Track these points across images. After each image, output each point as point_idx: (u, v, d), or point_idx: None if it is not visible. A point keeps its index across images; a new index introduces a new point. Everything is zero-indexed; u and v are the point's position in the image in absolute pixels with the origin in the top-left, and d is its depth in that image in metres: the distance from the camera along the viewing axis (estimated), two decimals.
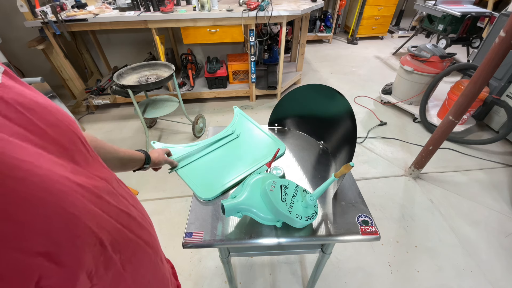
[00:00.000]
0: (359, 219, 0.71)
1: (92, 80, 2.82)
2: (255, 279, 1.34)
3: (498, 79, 2.10)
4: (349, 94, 2.86)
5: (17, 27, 2.49)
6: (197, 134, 2.23)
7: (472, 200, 1.72)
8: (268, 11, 2.09)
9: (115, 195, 0.34)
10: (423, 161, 1.78)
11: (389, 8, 4.14)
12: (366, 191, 1.78)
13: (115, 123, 2.48)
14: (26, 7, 1.93)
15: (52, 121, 0.29)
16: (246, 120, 1.05)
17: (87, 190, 0.28)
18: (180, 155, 0.87)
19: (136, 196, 0.44)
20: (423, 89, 2.35)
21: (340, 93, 0.82)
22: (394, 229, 1.55)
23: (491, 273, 1.35)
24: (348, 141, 0.80)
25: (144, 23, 2.10)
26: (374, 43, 4.35)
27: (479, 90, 1.37)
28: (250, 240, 0.67)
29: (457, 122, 1.52)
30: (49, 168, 0.25)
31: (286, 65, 3.16)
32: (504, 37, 1.18)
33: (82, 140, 0.33)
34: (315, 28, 4.32)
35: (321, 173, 0.87)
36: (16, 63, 2.68)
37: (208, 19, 2.12)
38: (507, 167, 1.97)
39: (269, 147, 0.93)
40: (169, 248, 1.45)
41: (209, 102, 2.77)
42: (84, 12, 2.07)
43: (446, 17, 2.97)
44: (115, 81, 1.70)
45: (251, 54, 2.36)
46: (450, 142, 2.17)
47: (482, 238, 1.50)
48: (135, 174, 1.88)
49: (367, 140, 2.23)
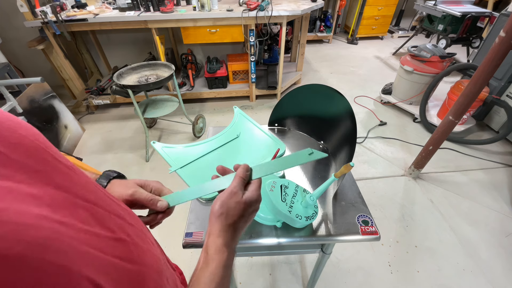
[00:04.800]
0: (359, 219, 0.71)
1: (92, 80, 2.82)
2: (255, 279, 1.34)
3: (498, 79, 2.10)
4: (349, 94, 2.86)
5: (17, 27, 2.50)
6: (197, 134, 2.23)
7: (472, 200, 1.72)
8: (268, 11, 2.09)
9: (106, 219, 0.28)
10: (423, 161, 1.78)
11: (389, 8, 4.14)
12: (366, 191, 1.78)
13: (115, 123, 2.48)
14: (26, 7, 1.93)
15: (12, 139, 0.23)
16: (246, 120, 1.05)
17: (72, 227, 0.22)
18: (180, 155, 0.87)
19: (131, 210, 0.38)
20: (423, 89, 2.35)
21: (340, 93, 0.82)
22: (394, 229, 1.55)
23: (491, 273, 1.35)
24: (348, 141, 0.80)
25: (144, 23, 2.10)
26: (374, 43, 4.35)
27: (479, 90, 1.37)
28: (250, 240, 0.67)
29: (457, 122, 1.52)
30: (20, 209, 0.19)
31: (286, 65, 3.16)
32: (504, 37, 1.18)
33: (55, 155, 0.26)
34: (315, 28, 4.32)
35: (321, 173, 0.87)
36: (16, 63, 2.68)
37: (208, 19, 2.12)
38: (507, 167, 1.97)
39: (269, 147, 0.93)
40: (169, 248, 1.45)
41: (209, 102, 2.77)
42: (84, 12, 2.07)
43: (446, 17, 2.97)
44: (115, 81, 1.70)
45: (251, 54, 2.36)
46: (450, 142, 2.17)
47: (482, 238, 1.50)
48: (135, 174, 1.90)
49: (367, 140, 2.23)
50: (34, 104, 1.86)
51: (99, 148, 2.19)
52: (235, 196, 0.41)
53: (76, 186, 0.26)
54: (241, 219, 0.42)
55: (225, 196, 0.41)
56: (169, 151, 0.88)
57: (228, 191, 0.42)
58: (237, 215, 0.41)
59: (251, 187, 0.44)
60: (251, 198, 0.42)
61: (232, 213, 0.41)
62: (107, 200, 0.31)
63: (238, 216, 0.41)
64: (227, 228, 0.40)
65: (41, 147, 0.25)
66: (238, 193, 0.42)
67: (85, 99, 2.48)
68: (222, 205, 0.41)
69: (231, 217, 0.41)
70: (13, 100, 1.33)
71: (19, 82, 1.35)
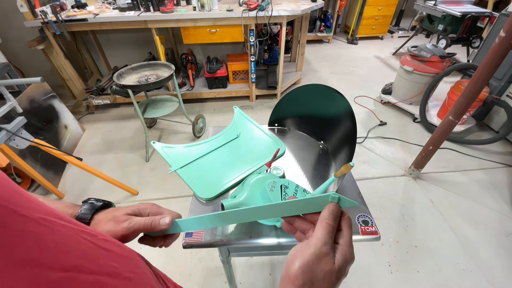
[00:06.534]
0: (359, 219, 0.71)
1: (92, 80, 2.82)
2: (255, 279, 1.34)
3: (498, 79, 2.10)
4: (349, 94, 2.86)
5: (17, 27, 2.50)
6: (197, 134, 2.23)
7: (472, 200, 1.72)
8: (268, 11, 2.09)
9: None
10: (423, 161, 1.77)
11: (389, 8, 4.14)
12: (366, 191, 1.78)
13: (115, 123, 2.48)
14: (26, 7, 1.93)
15: None
16: (246, 120, 1.05)
17: None
18: (180, 155, 0.87)
19: (133, 256, 0.29)
20: (423, 89, 2.35)
21: (340, 93, 0.82)
22: (394, 229, 1.55)
23: (491, 273, 1.35)
24: (348, 141, 0.80)
25: (144, 23, 2.10)
26: (374, 43, 4.35)
27: (479, 90, 1.37)
28: (250, 240, 0.67)
29: (457, 122, 1.52)
30: None
31: (286, 65, 3.16)
32: (504, 37, 1.18)
33: (20, 211, 0.18)
34: (315, 28, 4.32)
35: (321, 173, 0.86)
36: (16, 63, 2.68)
37: (208, 19, 2.12)
38: (507, 167, 1.97)
39: (269, 147, 0.93)
40: (169, 248, 1.45)
41: (209, 102, 2.77)
42: (84, 12, 2.07)
43: (446, 17, 2.97)
44: (115, 81, 1.70)
45: (251, 54, 2.36)
46: (450, 142, 2.17)
47: (482, 238, 1.50)
48: (135, 174, 1.90)
49: (367, 140, 2.23)
50: (34, 104, 1.86)
51: (99, 148, 2.19)
52: (325, 259, 0.28)
53: (49, 251, 0.19)
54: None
55: (311, 258, 0.28)
56: (169, 151, 0.88)
57: (314, 250, 0.28)
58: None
59: (342, 239, 0.30)
60: (346, 260, 0.29)
61: (318, 286, 0.27)
62: (95, 252, 0.23)
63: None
64: None
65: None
66: (329, 255, 0.28)
67: (85, 99, 2.48)
68: (305, 271, 0.27)
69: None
70: (13, 100, 1.33)
71: (19, 82, 1.34)
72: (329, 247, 0.28)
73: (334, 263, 0.28)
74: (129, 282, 0.25)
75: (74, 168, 1.94)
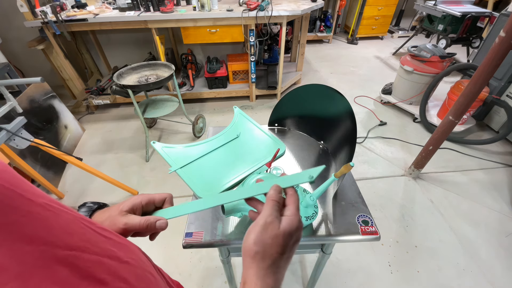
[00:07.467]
0: (359, 219, 0.71)
1: (92, 80, 2.82)
2: None
3: (498, 79, 2.10)
4: (349, 94, 2.86)
5: (17, 27, 2.49)
6: (197, 134, 2.23)
7: (472, 200, 1.72)
8: (268, 11, 2.09)
9: (96, 267, 0.22)
10: (423, 161, 1.77)
11: (389, 8, 4.14)
12: (366, 191, 1.78)
13: (115, 123, 2.48)
14: (26, 7, 1.93)
15: None
16: (246, 120, 1.05)
17: None
18: (180, 155, 0.87)
19: (125, 240, 0.30)
20: (423, 89, 2.35)
21: (340, 93, 0.82)
22: (394, 229, 1.55)
23: (491, 273, 1.35)
24: (348, 141, 0.80)
25: (144, 23, 2.10)
26: (374, 43, 4.35)
27: (479, 90, 1.37)
28: None
29: (457, 122, 1.52)
30: None
31: (286, 65, 3.16)
32: (504, 37, 1.18)
33: (27, 195, 0.20)
34: (315, 28, 4.32)
35: (321, 173, 0.86)
36: (16, 63, 2.68)
37: (208, 19, 2.12)
38: (507, 167, 1.97)
39: (269, 147, 0.93)
40: (169, 248, 1.45)
41: (209, 102, 2.77)
42: (84, 12, 2.07)
43: (446, 17, 2.97)
44: (115, 81, 1.70)
45: (251, 54, 2.36)
46: (450, 142, 2.17)
47: (482, 238, 1.50)
48: (135, 174, 1.90)
49: (367, 140, 2.23)
50: (34, 104, 1.86)
51: (99, 148, 2.19)
52: (271, 227, 0.33)
53: (54, 231, 0.20)
54: (281, 257, 0.33)
55: (259, 229, 0.33)
56: (169, 151, 0.88)
57: (261, 222, 0.33)
58: (277, 253, 0.32)
59: (288, 211, 0.35)
60: (291, 226, 0.34)
61: (270, 251, 0.32)
62: (95, 237, 0.25)
63: (277, 254, 0.32)
64: (265, 271, 0.32)
65: (6, 189, 0.18)
66: (274, 222, 0.33)
67: (85, 99, 2.48)
68: (256, 242, 0.32)
69: (269, 256, 0.32)
70: (13, 100, 1.33)
71: (19, 82, 1.34)
72: (274, 217, 0.34)
73: (279, 228, 0.33)
74: (128, 265, 0.26)
75: (74, 168, 1.94)
